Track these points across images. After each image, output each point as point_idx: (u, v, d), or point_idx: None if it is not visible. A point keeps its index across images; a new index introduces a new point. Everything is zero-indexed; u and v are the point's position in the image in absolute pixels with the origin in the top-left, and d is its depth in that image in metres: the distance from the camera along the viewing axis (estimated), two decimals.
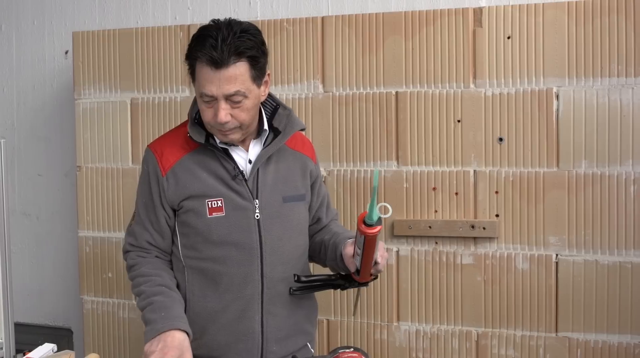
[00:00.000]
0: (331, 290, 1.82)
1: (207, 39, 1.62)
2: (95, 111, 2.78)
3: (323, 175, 2.50)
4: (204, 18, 1.66)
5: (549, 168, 2.29)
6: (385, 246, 2.43)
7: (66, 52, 3.04)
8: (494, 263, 2.34)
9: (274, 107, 1.84)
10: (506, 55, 2.32)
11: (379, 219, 1.47)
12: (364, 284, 1.75)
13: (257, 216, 1.74)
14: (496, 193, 2.34)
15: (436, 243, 2.40)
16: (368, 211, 1.46)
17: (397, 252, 2.44)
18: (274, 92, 2.54)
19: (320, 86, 2.51)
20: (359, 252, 1.58)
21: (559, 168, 2.28)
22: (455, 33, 2.35)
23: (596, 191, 2.24)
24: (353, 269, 1.68)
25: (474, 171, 2.36)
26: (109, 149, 2.76)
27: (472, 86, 2.35)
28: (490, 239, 2.35)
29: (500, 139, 2.33)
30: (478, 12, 2.34)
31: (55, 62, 3.08)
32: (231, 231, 1.73)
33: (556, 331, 2.30)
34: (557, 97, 2.28)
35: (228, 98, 1.64)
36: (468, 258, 2.37)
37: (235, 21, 1.66)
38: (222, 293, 1.75)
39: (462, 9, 2.36)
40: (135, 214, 1.83)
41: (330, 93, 2.50)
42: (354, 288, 1.80)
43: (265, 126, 1.79)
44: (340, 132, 2.49)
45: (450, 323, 2.40)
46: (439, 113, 2.38)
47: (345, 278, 1.76)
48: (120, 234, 2.73)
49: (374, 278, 1.73)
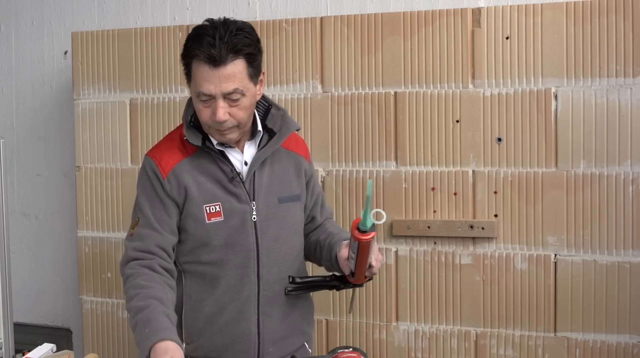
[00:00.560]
0: (330, 290, 1.82)
1: (204, 38, 1.61)
2: (95, 111, 2.78)
3: (322, 175, 2.51)
4: (203, 18, 1.66)
5: (548, 168, 2.29)
6: (385, 246, 2.44)
7: (65, 53, 3.04)
8: (493, 263, 2.35)
9: (266, 107, 1.82)
10: (505, 55, 2.32)
11: (372, 225, 1.46)
12: (359, 285, 1.75)
13: (254, 219, 1.74)
14: (495, 193, 2.34)
15: (435, 243, 2.41)
16: (362, 218, 1.46)
17: (396, 252, 2.45)
18: (273, 93, 2.56)
19: (319, 86, 2.52)
20: (353, 256, 1.58)
21: (557, 168, 2.29)
22: (453, 33, 2.35)
23: (594, 191, 2.25)
24: (347, 272, 1.68)
25: (473, 171, 2.36)
26: (108, 150, 2.76)
27: (471, 86, 2.36)
28: (489, 239, 2.35)
29: (499, 140, 2.33)
30: (477, 13, 2.34)
31: (54, 63, 3.08)
32: (229, 235, 1.72)
33: (555, 331, 2.30)
34: (556, 97, 2.28)
35: (226, 96, 1.63)
36: (467, 258, 2.37)
37: (230, 20, 1.66)
38: (219, 296, 1.74)
39: (461, 9, 2.36)
40: (137, 221, 1.74)
41: (329, 93, 2.50)
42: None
43: (259, 126, 1.77)
44: (339, 133, 2.49)
45: (449, 323, 2.40)
46: (437, 113, 2.38)
47: (339, 279, 1.76)
48: (120, 234, 2.73)
49: (369, 280, 1.73)
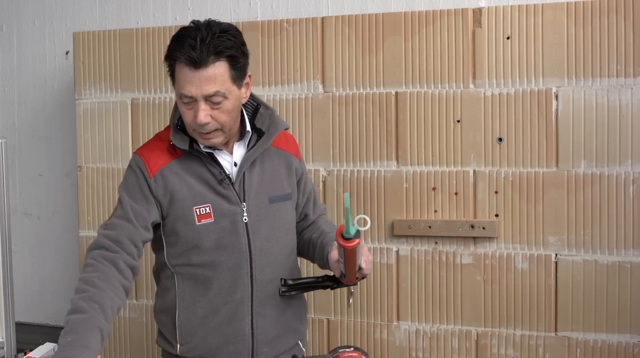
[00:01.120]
0: (324, 289, 1.82)
1: (186, 39, 1.60)
2: (96, 111, 2.78)
3: (323, 175, 2.51)
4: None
5: (549, 168, 2.29)
6: (386, 246, 2.45)
7: (67, 53, 3.04)
8: (494, 263, 2.35)
9: (254, 107, 1.81)
10: (505, 55, 2.32)
11: (357, 232, 1.45)
12: (352, 284, 1.75)
13: (245, 220, 1.73)
14: (496, 193, 2.34)
15: (436, 242, 2.41)
16: (345, 227, 1.44)
17: (397, 252, 2.45)
18: (274, 93, 2.57)
19: (320, 86, 2.52)
20: (342, 260, 1.58)
21: (558, 168, 2.29)
22: (454, 33, 2.35)
23: (595, 191, 2.25)
24: (338, 274, 1.68)
25: (474, 171, 2.36)
26: (109, 149, 2.77)
27: (472, 86, 2.36)
28: (489, 239, 2.35)
29: (500, 139, 2.33)
30: (477, 13, 2.34)
31: (55, 63, 3.08)
32: (220, 237, 1.72)
33: (555, 330, 2.31)
34: (557, 97, 2.28)
35: (207, 99, 1.61)
36: (468, 258, 2.37)
37: (215, 22, 1.65)
38: (212, 297, 1.74)
39: (462, 9, 2.36)
40: (114, 212, 1.71)
41: (330, 93, 2.50)
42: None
43: (247, 127, 1.76)
44: (340, 133, 2.49)
45: (450, 322, 2.41)
46: (438, 113, 2.39)
47: (332, 279, 1.76)
48: None
49: (362, 278, 1.72)
